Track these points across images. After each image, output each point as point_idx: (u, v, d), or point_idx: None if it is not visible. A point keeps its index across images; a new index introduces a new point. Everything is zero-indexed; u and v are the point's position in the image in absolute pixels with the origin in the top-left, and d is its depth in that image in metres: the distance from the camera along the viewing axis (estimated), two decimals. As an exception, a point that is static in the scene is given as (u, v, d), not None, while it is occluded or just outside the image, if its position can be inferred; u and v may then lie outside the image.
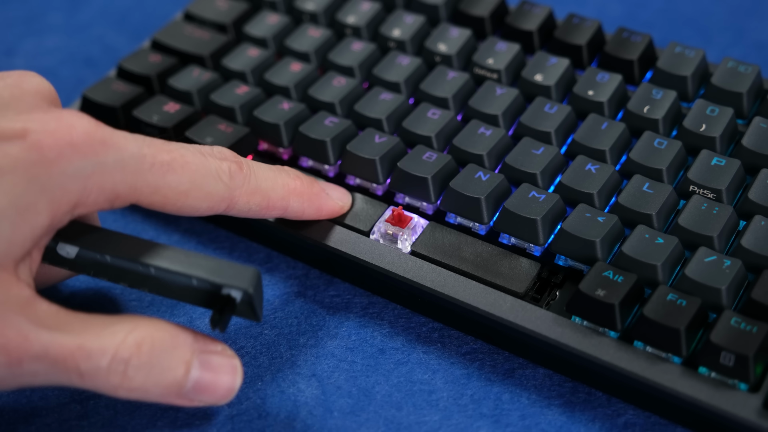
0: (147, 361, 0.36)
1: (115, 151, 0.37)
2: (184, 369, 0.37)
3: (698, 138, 0.47)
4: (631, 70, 0.51)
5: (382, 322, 0.46)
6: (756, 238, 0.42)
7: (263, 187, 0.42)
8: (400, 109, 0.50)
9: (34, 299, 0.36)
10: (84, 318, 0.36)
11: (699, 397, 0.38)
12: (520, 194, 0.45)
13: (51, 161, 0.35)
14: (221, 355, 0.38)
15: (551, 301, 0.43)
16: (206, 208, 0.40)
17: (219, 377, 0.38)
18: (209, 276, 0.38)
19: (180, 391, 0.37)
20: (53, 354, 0.35)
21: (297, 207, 0.43)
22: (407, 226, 0.45)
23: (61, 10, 0.65)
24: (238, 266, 0.38)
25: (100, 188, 0.37)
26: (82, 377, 0.35)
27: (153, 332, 0.37)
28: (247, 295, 0.38)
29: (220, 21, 0.56)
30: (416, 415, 0.42)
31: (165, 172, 0.38)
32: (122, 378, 0.36)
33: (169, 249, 0.38)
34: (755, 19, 0.62)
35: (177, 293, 0.39)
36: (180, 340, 0.37)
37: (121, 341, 0.36)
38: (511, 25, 0.53)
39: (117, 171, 0.37)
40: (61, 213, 0.36)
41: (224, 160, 0.40)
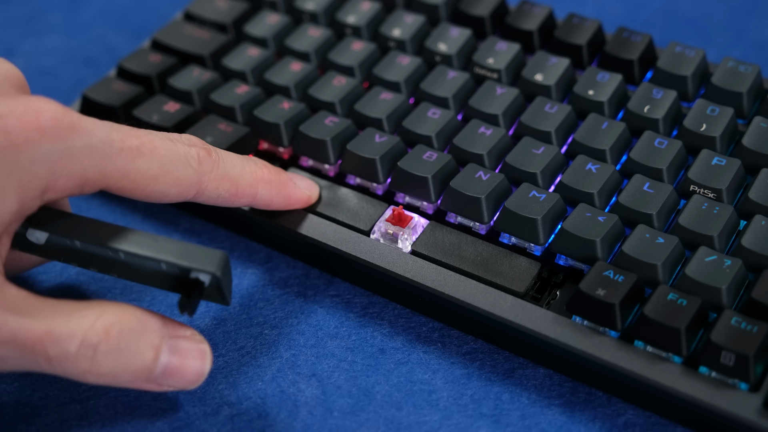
0: (115, 346, 0.36)
1: (84, 135, 0.37)
2: (153, 354, 0.37)
3: (698, 138, 0.47)
4: (631, 70, 0.51)
5: (382, 321, 0.46)
6: (756, 238, 0.42)
7: (231, 174, 0.42)
8: (401, 109, 0.50)
9: (2, 284, 0.36)
10: (52, 303, 0.36)
11: (699, 396, 0.38)
12: (521, 194, 0.45)
13: (18, 146, 0.35)
14: (190, 340, 0.38)
15: (551, 300, 0.43)
16: (175, 193, 0.40)
17: (187, 362, 0.38)
18: (177, 260, 0.38)
19: (149, 376, 0.37)
20: (21, 339, 0.35)
21: (265, 195, 0.44)
22: (407, 225, 0.45)
23: (61, 10, 0.65)
24: (206, 250, 0.38)
25: (68, 173, 0.36)
26: (50, 362, 0.35)
27: (121, 317, 0.36)
28: (215, 279, 0.38)
29: (220, 21, 0.56)
30: (416, 415, 0.42)
31: (134, 156, 0.38)
32: (91, 363, 0.36)
33: (138, 233, 0.38)
34: (755, 19, 0.62)
35: (146, 278, 0.39)
36: (148, 325, 0.37)
37: (90, 326, 0.36)
38: (512, 24, 0.53)
39: (85, 156, 0.37)
40: (30, 198, 0.36)
41: (192, 146, 0.41)
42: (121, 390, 0.43)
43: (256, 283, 0.47)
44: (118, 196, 0.43)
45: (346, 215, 0.46)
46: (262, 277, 0.48)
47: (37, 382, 0.43)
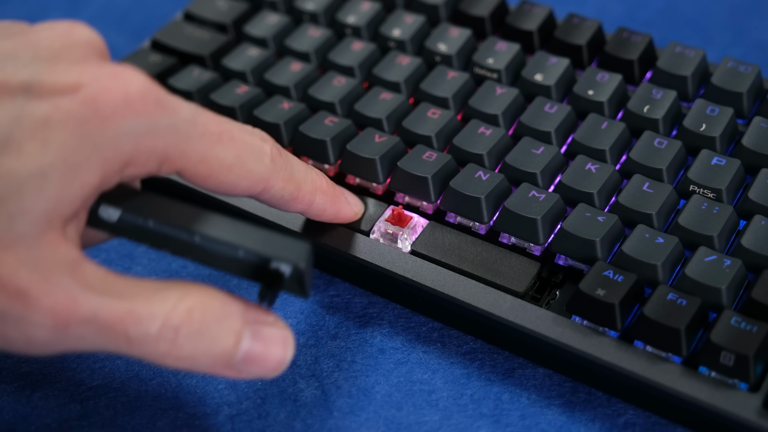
0: (198, 329, 0.35)
1: (170, 113, 0.36)
2: (235, 339, 0.35)
3: (698, 138, 0.47)
4: (631, 70, 0.51)
5: (382, 321, 0.46)
6: (756, 238, 0.42)
7: (297, 177, 0.41)
8: (400, 109, 0.50)
9: (83, 260, 0.34)
10: (133, 282, 0.35)
11: (699, 396, 0.38)
12: (520, 194, 0.45)
13: (105, 118, 0.34)
14: (273, 326, 0.37)
15: (551, 300, 0.43)
16: (245, 186, 0.39)
17: (270, 349, 0.36)
18: (259, 248, 0.36)
19: (229, 362, 0.36)
20: (102, 318, 0.34)
21: (320, 204, 0.43)
22: (407, 225, 0.45)
23: (61, 10, 0.65)
24: (289, 239, 0.36)
25: (151, 150, 0.35)
26: (130, 343, 0.34)
27: (204, 300, 0.35)
28: (297, 270, 0.36)
29: (220, 21, 0.56)
30: (416, 415, 0.42)
31: (214, 143, 0.37)
32: (171, 346, 0.34)
33: (217, 217, 0.37)
34: (755, 19, 0.62)
35: (222, 263, 0.37)
36: (231, 309, 0.36)
37: (172, 308, 0.34)
38: (511, 25, 0.53)
39: (169, 134, 0.35)
40: (111, 172, 0.35)
41: (266, 142, 0.40)
42: (121, 390, 0.43)
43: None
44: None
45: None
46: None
47: (37, 382, 0.43)
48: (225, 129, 0.37)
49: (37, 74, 0.34)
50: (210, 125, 0.37)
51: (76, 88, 0.34)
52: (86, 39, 0.37)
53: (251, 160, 0.38)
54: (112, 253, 0.49)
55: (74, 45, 0.37)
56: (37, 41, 0.36)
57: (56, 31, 0.37)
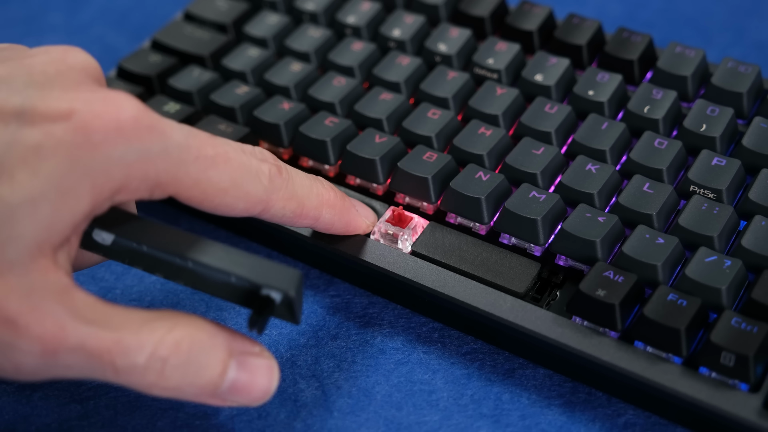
0: (185, 360, 0.35)
1: (162, 138, 0.36)
2: (221, 369, 0.36)
3: (698, 138, 0.47)
4: (631, 70, 0.51)
5: (382, 322, 0.46)
6: (756, 238, 0.42)
7: (299, 194, 0.41)
8: (401, 109, 0.50)
9: (72, 288, 0.35)
10: (122, 311, 0.35)
11: (699, 397, 0.38)
12: (521, 194, 0.45)
13: (96, 145, 0.34)
14: (258, 357, 0.37)
15: (551, 301, 0.43)
16: (242, 208, 0.39)
17: (255, 379, 0.37)
18: (250, 275, 0.36)
19: (215, 392, 0.36)
20: (89, 347, 0.34)
21: (328, 219, 0.43)
22: (407, 226, 0.45)
23: (61, 10, 0.65)
24: (280, 267, 0.37)
25: (143, 176, 0.35)
26: (117, 373, 0.34)
27: (192, 331, 0.35)
28: (288, 298, 0.37)
29: (220, 21, 0.56)
30: (416, 415, 0.42)
31: (208, 166, 0.37)
32: (158, 377, 0.35)
33: (209, 243, 0.37)
34: (755, 19, 0.62)
35: (213, 289, 0.38)
36: (218, 339, 0.36)
37: (160, 339, 0.35)
38: (511, 25, 0.53)
39: (161, 159, 0.36)
40: (102, 199, 0.35)
41: (264, 161, 0.39)
42: (121, 390, 0.43)
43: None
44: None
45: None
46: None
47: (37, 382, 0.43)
48: (220, 152, 0.37)
49: (30, 100, 0.35)
50: (204, 148, 0.37)
51: (68, 114, 0.34)
52: (81, 64, 0.38)
53: (248, 181, 0.38)
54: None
55: (68, 70, 0.37)
56: (31, 66, 0.36)
57: (51, 56, 0.37)
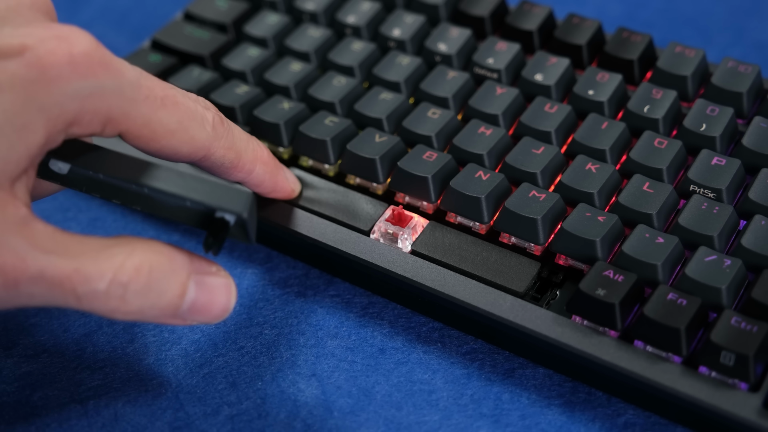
0: (145, 284, 0.36)
1: (115, 75, 0.36)
2: (180, 290, 0.37)
3: (698, 138, 0.47)
4: (631, 70, 0.51)
5: (382, 321, 0.46)
6: (756, 238, 0.42)
7: (238, 146, 0.42)
8: (401, 109, 0.50)
9: (31, 219, 0.35)
10: (81, 240, 0.36)
11: (699, 396, 0.38)
12: (521, 194, 0.45)
13: (50, 80, 0.35)
14: (216, 276, 0.38)
15: (551, 300, 0.43)
16: (186, 152, 0.40)
17: (214, 297, 0.38)
18: (203, 198, 0.37)
19: (175, 312, 0.37)
20: (50, 277, 0.34)
21: (260, 174, 0.44)
22: (407, 225, 0.45)
23: (61, 10, 0.65)
24: (232, 189, 0.38)
25: (95, 110, 0.36)
26: (79, 300, 0.35)
27: (151, 255, 0.36)
28: (241, 219, 0.38)
29: (220, 21, 0.56)
30: (416, 415, 0.42)
31: (158, 107, 0.38)
32: (120, 302, 0.35)
33: (164, 169, 0.38)
34: (755, 19, 0.62)
35: (170, 213, 0.39)
36: (177, 262, 0.37)
37: (120, 265, 0.35)
38: (511, 24, 0.53)
39: (114, 95, 0.36)
40: (56, 132, 0.36)
41: (208, 109, 0.41)
42: (121, 390, 0.43)
43: (256, 283, 0.47)
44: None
45: (346, 215, 0.46)
46: (262, 277, 0.48)
47: (37, 382, 0.43)
48: (169, 94, 0.38)
49: None
50: (155, 89, 0.38)
51: (21, 50, 0.35)
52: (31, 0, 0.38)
53: (194, 126, 0.39)
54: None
55: (19, 6, 0.37)
56: None
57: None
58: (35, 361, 0.44)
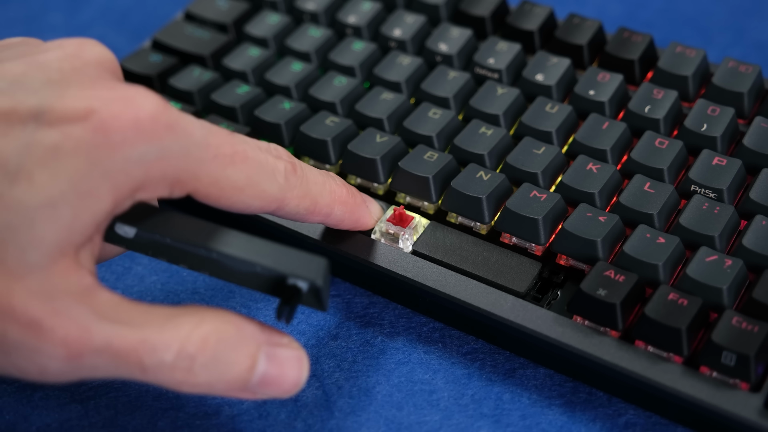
0: (213, 356, 0.35)
1: (181, 137, 0.35)
2: (250, 363, 0.35)
3: (699, 138, 0.47)
4: (631, 70, 0.51)
5: (382, 321, 0.46)
6: (757, 238, 0.42)
7: (313, 192, 0.41)
8: (401, 109, 0.50)
9: (96, 288, 0.34)
10: (147, 309, 0.35)
11: (700, 396, 0.38)
12: (522, 194, 0.45)
13: (115, 145, 0.34)
14: (287, 348, 0.37)
15: (552, 300, 0.43)
16: (258, 206, 0.38)
17: (285, 371, 0.36)
18: (275, 265, 0.36)
19: (245, 386, 0.36)
20: (115, 348, 0.33)
21: (339, 215, 0.43)
22: (408, 225, 0.45)
23: (61, 10, 0.65)
24: (306, 255, 0.37)
25: (162, 174, 0.35)
26: (144, 372, 0.34)
27: (219, 326, 0.35)
28: (315, 287, 0.36)
29: (220, 21, 0.56)
30: (417, 415, 0.42)
31: (226, 165, 0.36)
32: (187, 374, 0.34)
33: (233, 234, 0.37)
34: (755, 19, 0.62)
35: (239, 279, 0.37)
36: (246, 333, 0.36)
37: (186, 336, 0.34)
38: (512, 25, 0.53)
39: (181, 158, 0.35)
40: (123, 198, 0.35)
41: (280, 159, 0.39)
42: (121, 390, 0.43)
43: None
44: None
45: (346, 215, 0.46)
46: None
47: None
48: (238, 150, 0.37)
49: (48, 100, 0.34)
50: (223, 147, 0.37)
51: (86, 114, 0.34)
52: (96, 58, 0.37)
53: (264, 180, 0.38)
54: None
55: (84, 66, 0.37)
56: (47, 63, 0.36)
57: (66, 52, 0.37)
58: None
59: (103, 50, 0.38)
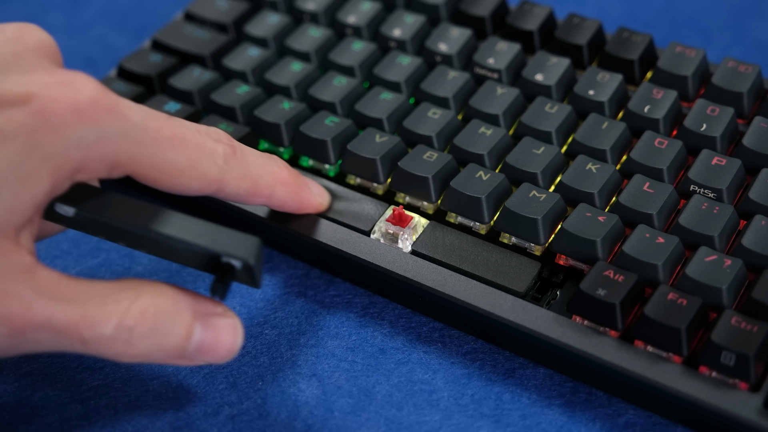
0: (151, 327, 0.36)
1: (120, 120, 0.36)
2: (186, 332, 0.37)
3: (699, 137, 0.47)
4: (631, 70, 0.51)
5: (382, 321, 0.46)
6: (756, 238, 0.42)
7: (253, 173, 0.41)
8: (401, 109, 0.50)
9: (36, 266, 0.35)
10: (86, 285, 0.36)
11: (700, 396, 0.38)
12: (521, 194, 0.45)
13: (55, 128, 0.35)
14: (222, 317, 0.38)
15: (552, 300, 0.43)
16: (197, 188, 0.39)
17: (220, 338, 0.38)
18: (209, 245, 0.37)
19: (182, 353, 0.37)
20: (56, 323, 0.35)
21: (281, 196, 0.43)
22: (408, 225, 0.45)
23: (61, 10, 0.65)
24: (239, 235, 0.38)
25: (101, 157, 0.36)
26: (85, 345, 0.35)
27: (156, 298, 0.36)
28: (247, 265, 0.38)
29: (220, 21, 0.56)
30: (417, 415, 0.42)
31: (165, 148, 0.38)
32: (126, 345, 0.36)
33: (169, 214, 0.38)
34: (755, 19, 0.62)
35: (176, 257, 0.39)
36: (182, 304, 0.37)
37: (125, 310, 0.36)
38: (512, 24, 0.53)
39: (120, 141, 0.36)
40: (62, 179, 0.36)
41: (219, 142, 0.40)
42: (121, 390, 0.43)
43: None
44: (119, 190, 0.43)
45: (346, 215, 0.46)
46: (263, 277, 0.48)
47: (37, 382, 0.43)
48: (177, 133, 0.38)
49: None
50: (162, 130, 0.38)
51: (26, 98, 0.35)
52: (37, 43, 0.38)
53: (203, 162, 0.39)
54: (112, 253, 0.49)
55: (24, 51, 0.38)
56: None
57: (6, 36, 0.38)
58: (35, 361, 0.44)
59: (44, 35, 0.39)
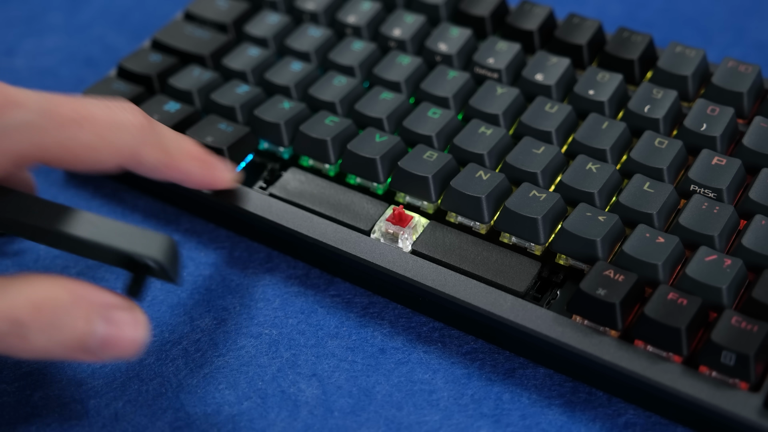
0: (47, 322, 0.35)
1: (19, 111, 0.35)
2: (84, 326, 0.36)
3: (699, 137, 0.47)
4: (631, 70, 0.51)
5: (382, 321, 0.46)
6: (756, 238, 0.42)
7: (168, 145, 0.41)
8: (401, 109, 0.50)
9: None
10: None
11: (700, 396, 0.38)
12: (521, 193, 0.45)
13: None
14: (125, 310, 0.37)
15: (552, 300, 0.43)
16: (115, 163, 0.39)
17: (123, 332, 0.37)
18: (119, 244, 0.37)
19: (84, 348, 0.36)
20: None
21: (196, 171, 0.43)
22: (408, 225, 0.45)
23: (61, 10, 0.65)
24: (150, 234, 0.38)
25: (2, 151, 0.35)
26: None
27: (52, 292, 0.35)
28: (159, 264, 0.37)
29: (220, 21, 0.56)
30: (417, 415, 0.42)
31: (74, 129, 0.37)
32: (21, 341, 0.35)
33: (81, 214, 0.37)
34: (755, 19, 0.62)
35: (93, 254, 0.38)
36: (80, 297, 0.36)
37: (20, 305, 0.35)
38: (512, 24, 0.53)
39: (19, 132, 0.35)
40: None
41: (129, 112, 0.40)
42: (121, 390, 0.43)
43: (257, 283, 0.47)
44: (110, 194, 0.42)
45: (346, 215, 0.46)
46: (263, 277, 0.48)
47: (37, 382, 0.43)
48: (83, 113, 0.37)
49: None
50: (66, 112, 0.37)
51: None
52: None
53: (116, 135, 0.38)
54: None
55: None
56: None
57: None
58: (35, 361, 0.44)
59: None
